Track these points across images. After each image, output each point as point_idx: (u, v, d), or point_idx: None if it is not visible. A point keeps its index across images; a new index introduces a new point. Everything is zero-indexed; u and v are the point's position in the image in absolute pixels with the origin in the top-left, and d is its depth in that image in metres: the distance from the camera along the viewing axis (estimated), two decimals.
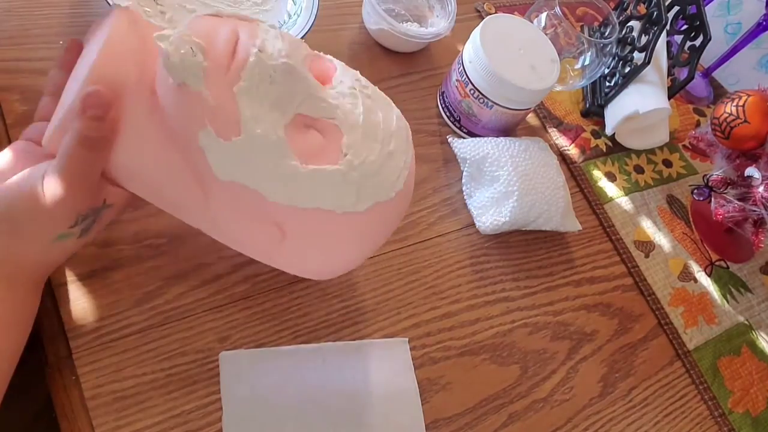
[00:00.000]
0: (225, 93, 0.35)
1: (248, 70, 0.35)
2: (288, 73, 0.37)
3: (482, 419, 0.50)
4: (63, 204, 0.35)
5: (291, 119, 0.37)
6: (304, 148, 0.37)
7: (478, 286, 0.57)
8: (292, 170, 0.36)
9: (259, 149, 0.36)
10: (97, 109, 0.34)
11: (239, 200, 0.37)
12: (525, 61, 0.60)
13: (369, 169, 0.39)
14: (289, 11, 0.64)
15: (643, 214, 0.71)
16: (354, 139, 0.38)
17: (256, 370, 0.45)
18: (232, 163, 0.36)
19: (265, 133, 0.36)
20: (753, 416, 0.61)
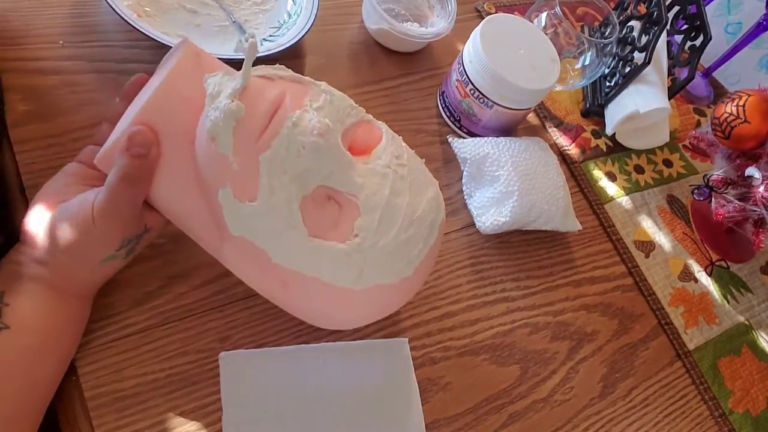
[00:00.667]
0: (251, 159, 0.37)
1: (278, 141, 0.37)
2: (316, 151, 0.37)
3: (482, 419, 0.50)
4: (110, 231, 0.38)
5: (312, 191, 0.39)
6: (318, 219, 0.39)
7: (478, 286, 0.57)
8: (298, 242, 0.38)
9: (270, 217, 0.37)
10: (140, 148, 0.36)
11: (248, 253, 0.39)
12: (525, 61, 0.60)
13: (376, 254, 0.39)
14: (289, 11, 0.64)
15: (643, 214, 0.71)
16: (368, 222, 0.39)
17: (256, 370, 0.45)
18: (244, 224, 0.38)
19: (279, 204, 0.37)
20: (753, 416, 0.61)
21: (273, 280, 0.40)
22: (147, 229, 0.40)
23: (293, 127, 0.37)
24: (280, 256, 0.38)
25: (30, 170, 0.47)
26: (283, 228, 0.38)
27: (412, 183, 0.42)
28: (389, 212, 0.40)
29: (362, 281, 0.40)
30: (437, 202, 0.44)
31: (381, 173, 0.40)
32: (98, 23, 0.57)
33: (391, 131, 0.45)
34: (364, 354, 0.49)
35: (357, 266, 0.39)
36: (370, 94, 0.65)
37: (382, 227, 0.39)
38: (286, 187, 0.37)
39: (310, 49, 0.65)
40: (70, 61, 0.54)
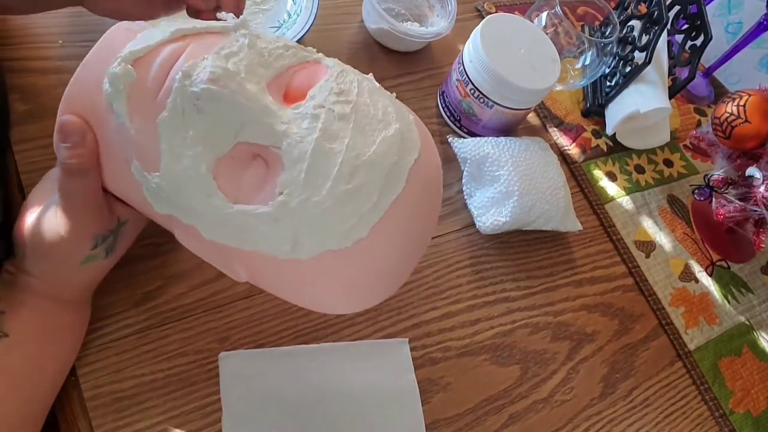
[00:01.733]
0: (148, 124, 0.32)
1: (171, 98, 0.32)
2: (214, 101, 0.32)
3: (482, 420, 0.50)
4: (74, 231, 0.36)
5: (228, 150, 0.33)
6: (239, 182, 0.33)
7: (478, 286, 0.57)
8: (217, 210, 0.33)
9: (180, 186, 0.33)
10: (74, 137, 0.34)
11: (185, 233, 0.35)
12: (525, 61, 0.60)
13: (309, 213, 0.32)
14: (289, 11, 0.64)
15: (643, 214, 0.71)
16: (293, 176, 0.32)
17: (256, 371, 0.45)
18: (163, 198, 0.34)
19: (185, 170, 0.32)
20: (754, 416, 0.61)
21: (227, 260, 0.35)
22: (121, 222, 0.38)
23: (183, 79, 0.32)
24: (207, 230, 0.34)
25: (29, 170, 0.47)
26: (199, 197, 0.33)
27: (358, 122, 0.34)
28: (320, 160, 0.32)
29: (302, 248, 0.33)
30: (401, 140, 0.35)
31: (311, 115, 0.33)
32: (98, 23, 0.57)
33: (348, 67, 0.38)
34: (364, 354, 0.48)
35: (289, 230, 0.32)
36: None
37: (311, 179, 0.32)
38: (191, 149, 0.32)
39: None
40: (69, 60, 0.53)
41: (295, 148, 0.32)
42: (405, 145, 0.35)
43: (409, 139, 0.36)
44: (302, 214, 0.32)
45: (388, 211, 0.34)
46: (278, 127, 0.32)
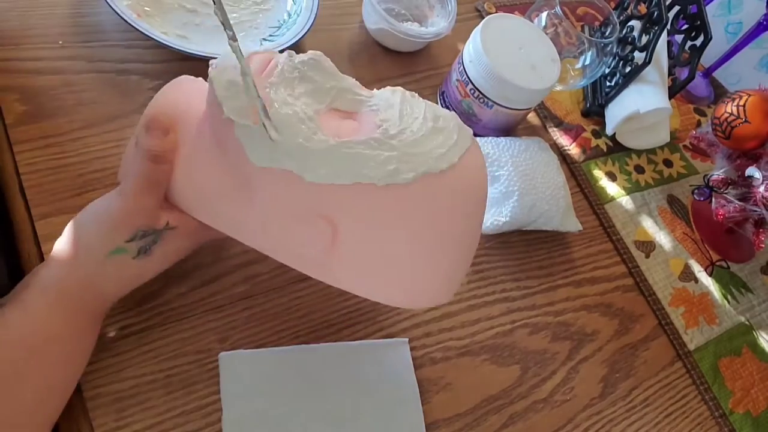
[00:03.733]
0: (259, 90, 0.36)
1: (279, 69, 0.38)
2: (316, 68, 0.38)
3: (482, 420, 0.50)
4: (124, 213, 0.38)
5: (325, 110, 0.39)
6: (338, 129, 0.38)
7: (478, 286, 0.57)
8: (323, 144, 0.36)
9: (288, 128, 0.36)
10: (158, 130, 0.39)
11: (280, 191, 0.37)
12: (525, 61, 0.60)
13: (409, 138, 0.37)
14: (289, 11, 0.64)
15: (643, 214, 0.71)
16: (390, 114, 0.38)
17: (255, 371, 0.45)
18: (266, 146, 0.36)
19: (294, 113, 0.36)
20: (754, 416, 0.61)
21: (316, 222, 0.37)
22: (169, 226, 0.39)
23: (290, 57, 0.39)
24: (310, 169, 0.35)
25: (29, 170, 0.47)
26: (304, 135, 0.36)
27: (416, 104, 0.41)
28: (408, 108, 0.39)
29: (404, 171, 0.36)
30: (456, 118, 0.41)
31: (391, 89, 0.41)
32: (98, 23, 0.57)
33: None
34: (364, 354, 0.48)
35: (391, 153, 0.36)
36: None
37: (404, 117, 0.38)
38: (298, 100, 0.38)
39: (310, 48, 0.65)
40: (69, 61, 0.53)
41: (385, 101, 0.40)
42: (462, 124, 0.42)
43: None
44: (401, 139, 0.37)
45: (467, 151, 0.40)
46: (365, 96, 0.40)
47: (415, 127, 0.38)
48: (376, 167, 0.36)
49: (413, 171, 0.36)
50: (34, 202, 0.46)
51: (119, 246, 0.37)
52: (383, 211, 0.37)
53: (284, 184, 0.36)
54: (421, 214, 0.37)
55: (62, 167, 0.48)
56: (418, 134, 0.38)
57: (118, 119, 0.52)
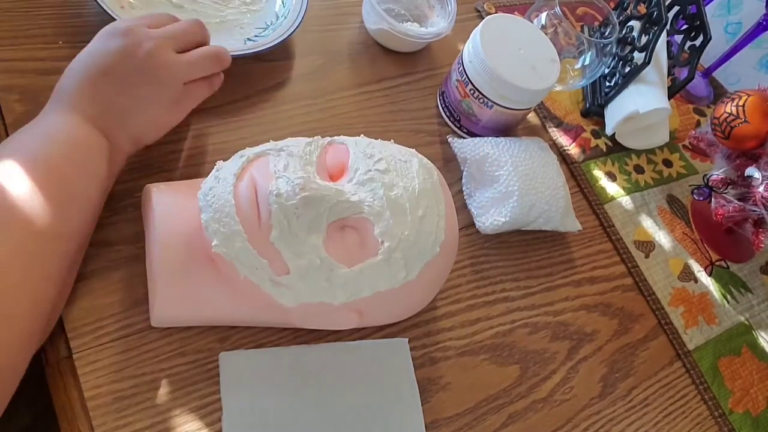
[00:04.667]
0: (266, 245, 0.40)
1: (274, 217, 0.40)
2: (308, 204, 0.40)
3: (482, 419, 0.50)
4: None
5: (326, 233, 0.42)
6: (345, 250, 0.42)
7: (478, 286, 0.57)
8: (343, 277, 0.42)
9: (309, 275, 0.41)
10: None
11: (313, 312, 0.44)
12: (525, 61, 0.60)
13: (407, 243, 0.43)
14: (278, 12, 0.64)
15: (643, 214, 0.71)
16: (385, 225, 0.42)
17: (256, 371, 0.45)
18: (294, 294, 0.42)
19: (310, 261, 0.41)
20: (753, 416, 0.61)
21: (346, 314, 0.44)
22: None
23: (278, 199, 0.40)
24: (338, 297, 0.42)
25: None
26: (325, 276, 0.41)
27: (396, 169, 0.45)
28: (395, 207, 0.43)
29: (412, 271, 0.43)
30: (425, 167, 0.47)
31: (367, 179, 0.43)
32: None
33: (351, 139, 0.48)
34: (364, 354, 0.49)
35: (400, 262, 0.43)
36: (369, 94, 0.65)
37: (397, 221, 0.42)
38: (307, 242, 0.41)
39: (310, 49, 0.65)
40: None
41: (374, 207, 0.42)
42: (427, 169, 0.47)
43: (426, 163, 0.48)
44: (404, 246, 0.42)
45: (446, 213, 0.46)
46: (353, 199, 0.42)
47: (408, 226, 0.43)
48: (390, 279, 0.43)
49: (418, 267, 0.44)
50: None
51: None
52: (400, 301, 0.46)
53: (316, 309, 0.43)
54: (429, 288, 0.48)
55: None
56: (412, 233, 0.43)
57: None
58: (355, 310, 0.44)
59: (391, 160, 0.45)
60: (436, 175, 0.47)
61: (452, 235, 0.47)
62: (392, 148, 0.47)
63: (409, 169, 0.45)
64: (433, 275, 0.47)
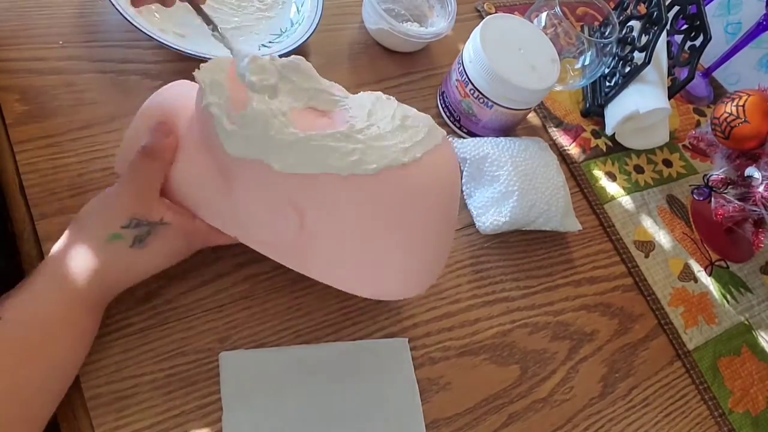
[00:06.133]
0: (241, 87, 0.40)
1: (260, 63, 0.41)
2: (295, 70, 0.41)
3: (482, 419, 0.50)
4: (119, 199, 0.40)
5: (302, 107, 0.41)
6: (311, 124, 0.40)
7: (478, 286, 0.57)
8: (292, 136, 0.38)
9: (261, 121, 0.38)
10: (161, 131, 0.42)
11: (252, 179, 0.40)
12: (525, 61, 0.60)
13: (373, 133, 0.40)
14: (292, 19, 0.64)
15: (643, 214, 0.71)
16: (359, 112, 0.41)
17: (256, 370, 0.45)
18: (239, 142, 0.39)
19: (268, 107, 0.39)
20: (753, 416, 0.61)
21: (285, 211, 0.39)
22: (163, 221, 0.41)
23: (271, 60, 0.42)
24: (279, 159, 0.38)
25: (29, 170, 0.47)
26: (276, 130, 0.38)
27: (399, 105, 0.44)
28: (379, 107, 0.42)
29: (368, 162, 0.38)
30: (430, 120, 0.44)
31: (370, 93, 0.44)
32: (98, 23, 0.57)
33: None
34: (364, 354, 0.49)
35: (358, 145, 0.39)
36: None
37: (373, 115, 0.41)
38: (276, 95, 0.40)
39: (311, 49, 0.65)
40: (69, 61, 0.54)
41: (358, 101, 0.42)
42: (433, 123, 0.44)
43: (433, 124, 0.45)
44: (367, 134, 0.39)
45: (435, 148, 0.42)
46: (340, 97, 0.43)
47: (382, 124, 0.41)
48: (340, 158, 0.38)
49: (375, 163, 0.39)
50: (34, 202, 0.46)
51: (116, 231, 0.39)
52: (347, 201, 0.39)
53: (255, 173, 0.39)
54: (383, 205, 0.40)
55: (62, 167, 0.48)
56: (383, 130, 0.40)
57: (118, 119, 0.52)
58: (295, 207, 0.39)
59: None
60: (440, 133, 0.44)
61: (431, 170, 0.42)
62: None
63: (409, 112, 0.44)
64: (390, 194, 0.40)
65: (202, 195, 0.42)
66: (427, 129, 0.43)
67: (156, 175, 0.42)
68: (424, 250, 0.43)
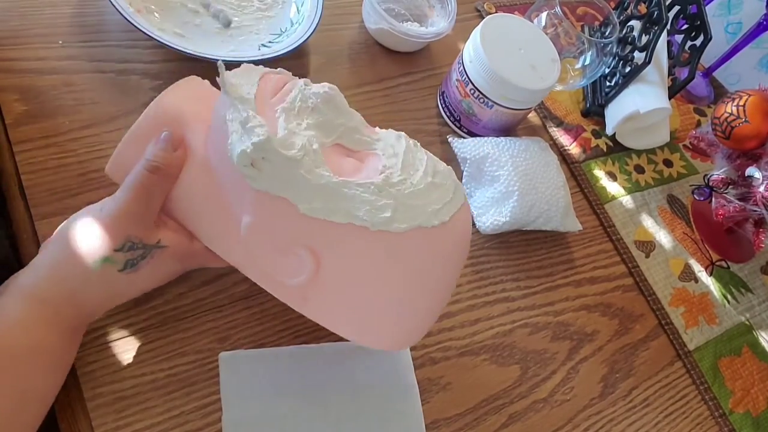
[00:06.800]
0: (269, 112, 0.37)
1: (292, 95, 0.39)
2: (328, 102, 0.39)
3: (482, 419, 0.50)
4: (116, 218, 0.37)
5: (330, 144, 0.39)
6: (340, 165, 0.38)
7: (478, 286, 0.57)
8: (323, 179, 0.36)
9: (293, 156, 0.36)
10: (167, 144, 0.39)
11: (272, 216, 0.37)
12: (525, 61, 0.60)
13: (408, 189, 0.38)
14: (292, 19, 0.64)
15: (643, 214, 0.71)
16: (392, 162, 0.39)
17: (255, 371, 0.45)
18: (262, 175, 0.36)
19: (300, 143, 0.36)
20: (753, 416, 0.61)
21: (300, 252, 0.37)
22: (160, 243, 0.38)
23: (304, 87, 0.39)
24: (306, 200, 0.36)
25: (29, 170, 0.47)
26: (306, 168, 0.36)
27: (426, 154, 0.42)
28: (411, 158, 0.40)
29: (398, 220, 0.37)
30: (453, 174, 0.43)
31: (395, 134, 0.42)
32: (98, 23, 0.57)
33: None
34: (364, 354, 0.48)
35: (390, 199, 0.37)
36: (370, 94, 0.65)
37: (406, 167, 0.39)
38: (306, 132, 0.38)
39: (311, 49, 0.65)
40: (69, 60, 0.53)
41: (390, 149, 0.40)
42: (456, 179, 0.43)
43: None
44: (401, 189, 0.37)
45: (459, 210, 0.40)
46: (372, 136, 0.41)
47: (416, 179, 0.38)
48: (371, 212, 0.36)
49: (407, 222, 0.37)
50: (34, 202, 0.46)
51: (107, 255, 0.36)
52: (370, 255, 0.37)
53: (277, 211, 0.37)
54: (405, 264, 0.38)
55: (62, 167, 0.48)
56: (417, 187, 0.38)
57: (118, 119, 0.52)
58: (313, 251, 0.37)
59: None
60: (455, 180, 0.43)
61: (457, 234, 0.41)
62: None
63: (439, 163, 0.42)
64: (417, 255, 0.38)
65: (205, 216, 0.40)
66: (453, 188, 0.41)
67: (160, 193, 0.38)
68: (430, 309, 0.42)
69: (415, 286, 0.39)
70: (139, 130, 0.41)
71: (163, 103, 0.41)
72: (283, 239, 0.37)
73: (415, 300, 0.40)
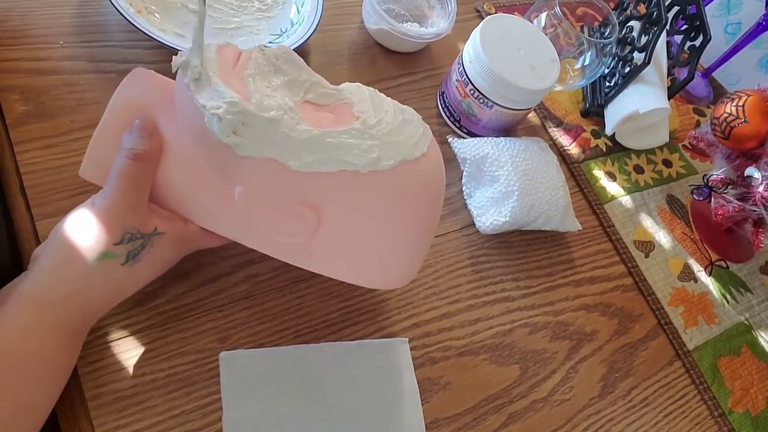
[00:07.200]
0: (236, 81, 0.38)
1: (253, 61, 0.40)
2: (290, 62, 0.40)
3: (482, 419, 0.50)
4: (111, 215, 0.36)
5: (300, 102, 0.40)
6: (320, 120, 0.40)
7: (478, 286, 0.57)
8: (307, 133, 0.37)
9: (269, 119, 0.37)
10: (144, 131, 0.39)
11: (264, 180, 0.38)
12: (525, 61, 0.60)
13: (385, 128, 0.40)
14: (292, 19, 0.64)
15: (643, 214, 0.71)
16: (365, 107, 0.41)
17: (256, 370, 0.45)
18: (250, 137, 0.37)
19: (276, 104, 0.37)
20: (753, 416, 0.61)
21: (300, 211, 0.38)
22: (157, 231, 0.38)
23: (261, 50, 0.41)
24: (295, 158, 0.37)
25: (29, 170, 0.47)
26: (288, 126, 0.37)
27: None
28: (378, 101, 0.42)
29: (385, 158, 0.39)
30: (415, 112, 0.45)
31: (353, 84, 0.44)
32: (99, 23, 0.57)
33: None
34: (364, 354, 0.49)
35: (375, 140, 0.39)
36: None
37: (377, 109, 0.41)
38: (276, 92, 0.39)
39: (311, 49, 0.65)
40: (70, 61, 0.54)
41: (356, 95, 0.42)
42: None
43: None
44: (380, 129, 0.39)
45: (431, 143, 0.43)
46: (335, 90, 0.42)
47: (389, 118, 0.41)
48: (360, 155, 0.38)
49: (393, 159, 0.39)
50: (34, 202, 0.46)
51: (108, 250, 0.36)
52: (366, 197, 0.39)
53: (269, 174, 0.37)
54: (398, 199, 0.40)
55: (63, 167, 0.48)
56: (392, 125, 0.40)
57: None
58: (313, 206, 0.38)
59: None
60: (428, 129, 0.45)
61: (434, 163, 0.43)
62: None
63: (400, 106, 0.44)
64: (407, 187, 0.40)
65: (193, 197, 0.40)
66: (420, 122, 0.44)
67: (147, 180, 0.38)
68: (423, 241, 0.44)
69: (409, 218, 0.41)
70: (107, 126, 0.40)
71: (125, 96, 0.41)
72: (280, 201, 0.38)
73: (411, 232, 0.42)
